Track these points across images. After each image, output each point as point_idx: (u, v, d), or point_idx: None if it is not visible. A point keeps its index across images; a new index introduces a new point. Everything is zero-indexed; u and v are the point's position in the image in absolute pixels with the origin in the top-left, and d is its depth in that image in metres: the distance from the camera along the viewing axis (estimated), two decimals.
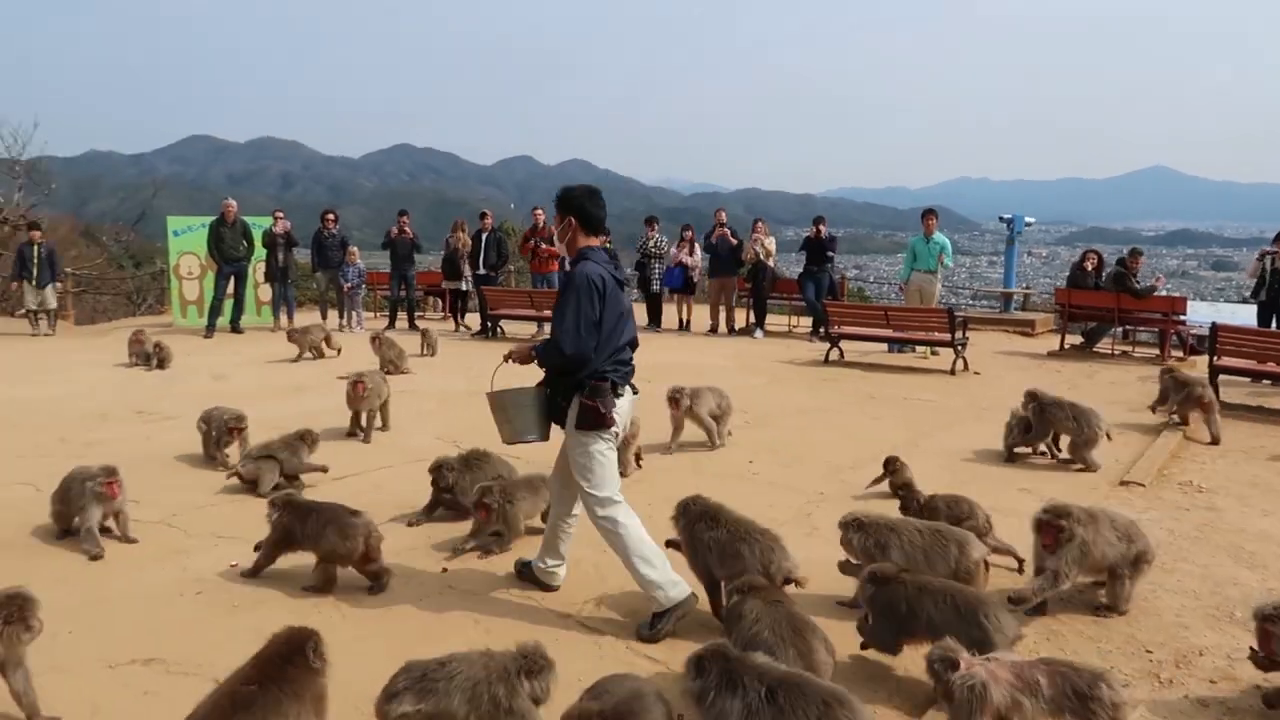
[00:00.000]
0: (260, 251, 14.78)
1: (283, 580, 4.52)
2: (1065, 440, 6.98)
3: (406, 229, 15.39)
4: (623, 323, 4.07)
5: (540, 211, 15.32)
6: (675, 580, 4.00)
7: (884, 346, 12.70)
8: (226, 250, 14.11)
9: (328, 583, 4.42)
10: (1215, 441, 7.59)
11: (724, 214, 15.15)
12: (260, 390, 9.51)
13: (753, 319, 15.06)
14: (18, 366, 10.51)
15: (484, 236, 15.23)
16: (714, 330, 15.06)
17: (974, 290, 30.72)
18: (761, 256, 14.41)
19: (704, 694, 2.78)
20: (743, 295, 15.49)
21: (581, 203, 4.11)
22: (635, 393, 4.23)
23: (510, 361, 4.25)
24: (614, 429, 4.04)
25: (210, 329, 14.22)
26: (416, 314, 16.14)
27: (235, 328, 14.51)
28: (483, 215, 15.62)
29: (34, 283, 14.48)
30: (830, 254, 14.28)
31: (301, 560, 4.50)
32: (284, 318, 14.95)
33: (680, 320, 15.41)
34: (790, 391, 9.93)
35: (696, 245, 15.22)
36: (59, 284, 15.48)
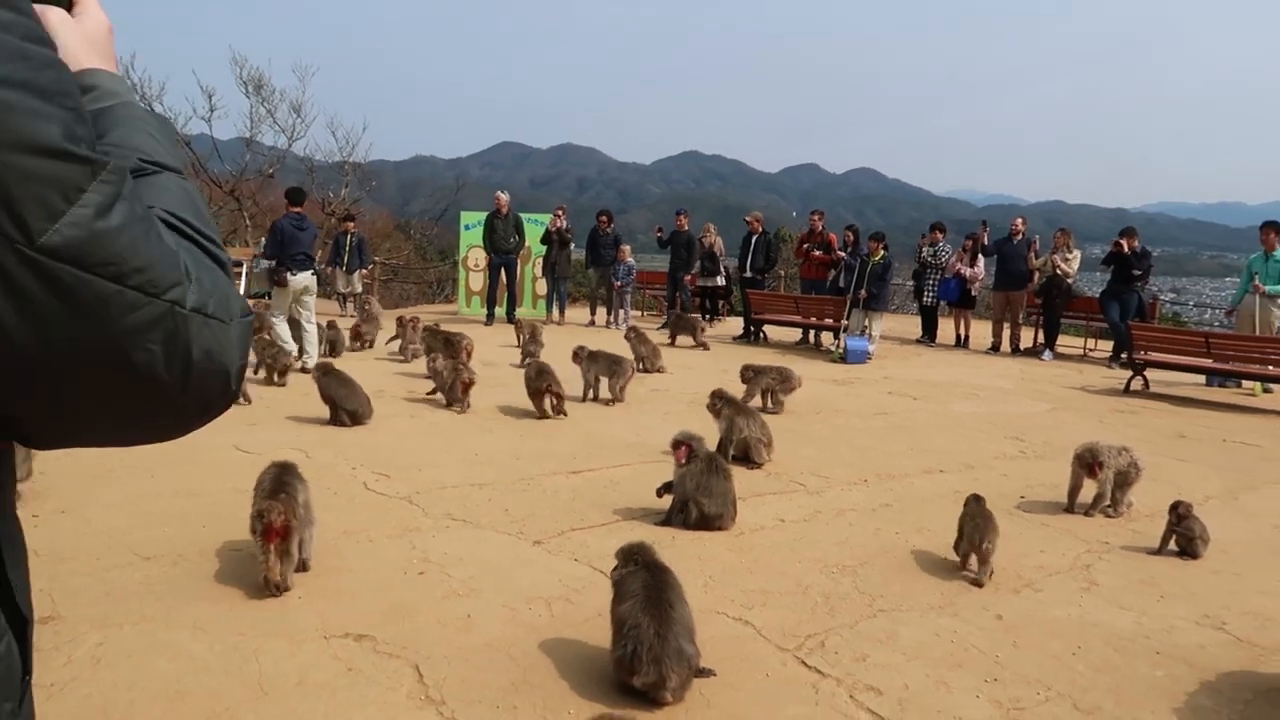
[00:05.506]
0: (539, 248, 15.38)
1: (497, 574, 4.44)
2: None
3: (684, 226, 15.64)
4: (300, 241, 9.71)
5: (818, 217, 14.79)
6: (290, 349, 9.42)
7: (1200, 379, 11.02)
8: (497, 241, 14.61)
9: None
10: None
11: (1021, 221, 13.91)
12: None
13: (1041, 338, 13.66)
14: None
15: (752, 239, 14.94)
16: (995, 348, 13.82)
17: None
18: (1059, 271, 13.00)
19: None
20: (1032, 311, 14.12)
21: (290, 192, 10.30)
22: (314, 273, 9.94)
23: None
24: (288, 286, 9.58)
25: (489, 318, 14.97)
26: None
27: (510, 318, 15.17)
28: (750, 219, 15.34)
29: (344, 269, 15.95)
30: (1139, 271, 12.61)
31: (518, 567, 4.38)
32: (555, 311, 15.47)
33: (957, 335, 14.29)
34: (1078, 422, 8.78)
35: (979, 256, 14.05)
36: (366, 271, 16.96)
